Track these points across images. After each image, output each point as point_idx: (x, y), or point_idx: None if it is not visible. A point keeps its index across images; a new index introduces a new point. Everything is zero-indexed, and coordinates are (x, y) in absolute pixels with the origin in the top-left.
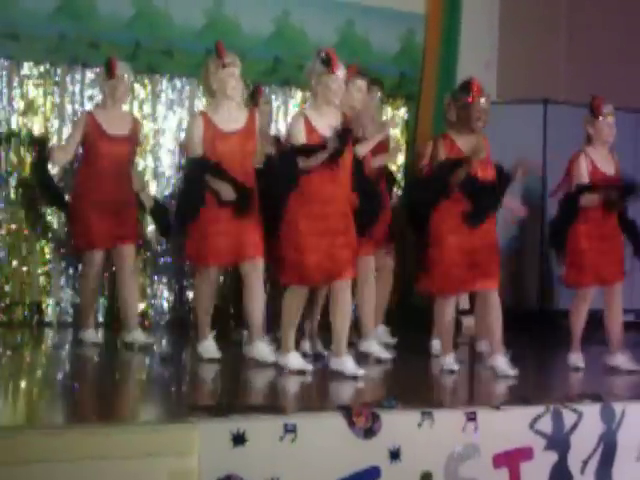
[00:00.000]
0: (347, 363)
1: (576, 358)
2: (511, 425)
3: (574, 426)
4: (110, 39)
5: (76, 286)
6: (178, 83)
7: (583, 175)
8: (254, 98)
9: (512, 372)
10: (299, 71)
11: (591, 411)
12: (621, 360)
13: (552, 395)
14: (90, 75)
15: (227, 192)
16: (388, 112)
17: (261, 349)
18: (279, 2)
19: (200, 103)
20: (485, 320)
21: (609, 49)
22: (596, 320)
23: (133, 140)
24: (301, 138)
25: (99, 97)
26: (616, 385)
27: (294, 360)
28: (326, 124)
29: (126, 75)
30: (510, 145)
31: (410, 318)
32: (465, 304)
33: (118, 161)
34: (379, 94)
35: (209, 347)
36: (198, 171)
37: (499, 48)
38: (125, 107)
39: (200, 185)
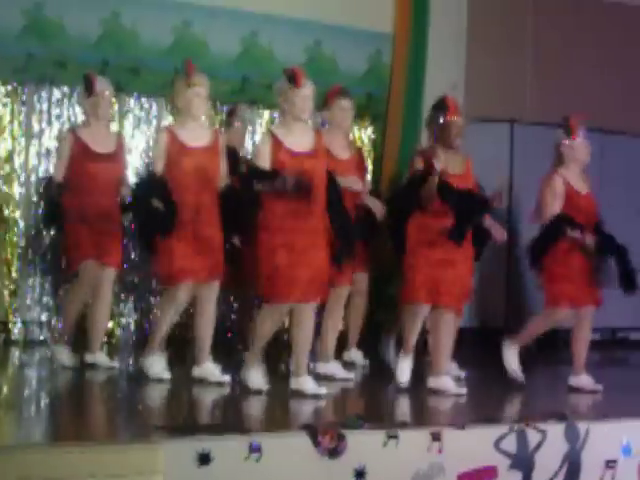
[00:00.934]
0: (308, 383)
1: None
2: (476, 444)
3: (538, 445)
4: (78, 58)
5: (43, 303)
6: (145, 102)
7: (561, 197)
8: (230, 117)
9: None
10: (267, 91)
11: (555, 430)
12: (585, 381)
13: (517, 414)
14: (57, 94)
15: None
16: (355, 131)
17: (211, 370)
18: (247, 22)
19: (167, 122)
20: (436, 336)
21: (575, 69)
22: (560, 340)
23: (120, 157)
24: (264, 159)
25: (65, 115)
26: (580, 404)
27: (256, 379)
28: (296, 141)
29: (107, 91)
30: (477, 164)
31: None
32: None
33: (105, 179)
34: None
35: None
36: (145, 192)
37: (466, 68)
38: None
39: (146, 204)
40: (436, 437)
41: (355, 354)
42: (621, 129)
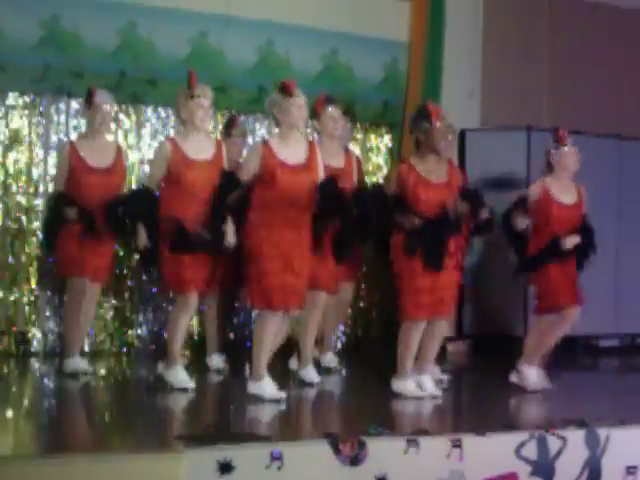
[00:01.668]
0: (266, 387)
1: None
2: (496, 451)
3: (559, 452)
4: (95, 69)
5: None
6: (162, 112)
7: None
8: (228, 128)
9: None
10: None
11: (576, 437)
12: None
13: (537, 421)
14: (75, 105)
15: (140, 239)
16: (372, 139)
17: (181, 375)
18: (263, 31)
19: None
20: (426, 341)
21: (591, 76)
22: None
23: (117, 171)
24: (251, 168)
25: (83, 127)
26: (600, 410)
27: (268, 388)
28: (290, 152)
29: (106, 105)
30: (494, 172)
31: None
32: (450, 331)
33: (100, 193)
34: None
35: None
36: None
37: (482, 76)
38: (109, 137)
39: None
40: (456, 444)
41: (331, 358)
42: (639, 135)
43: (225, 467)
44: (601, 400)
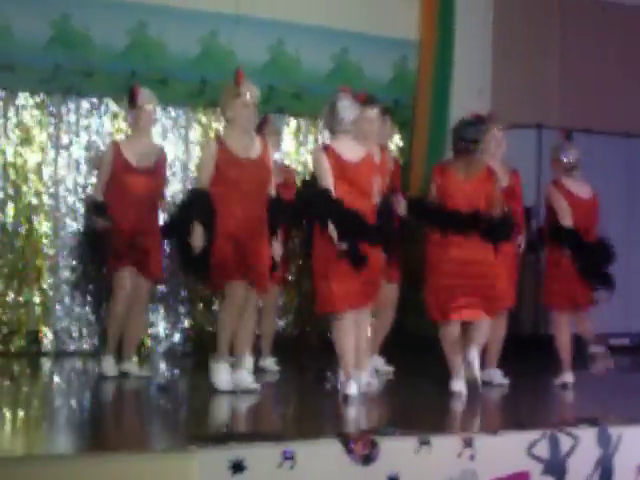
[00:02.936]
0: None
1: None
2: (508, 450)
3: (570, 451)
4: (105, 68)
5: (73, 314)
6: (172, 112)
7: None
8: (261, 128)
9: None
10: (294, 99)
11: (587, 435)
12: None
13: (548, 420)
14: (85, 105)
15: (196, 240)
16: None
17: (221, 375)
18: (274, 30)
19: (193, 133)
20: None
21: (601, 73)
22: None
23: (159, 172)
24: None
25: (94, 126)
26: (612, 409)
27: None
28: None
29: (148, 104)
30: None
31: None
32: None
33: (142, 192)
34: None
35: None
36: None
37: (492, 74)
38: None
39: (187, 219)
40: (468, 443)
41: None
42: None
43: (237, 467)
44: (612, 399)
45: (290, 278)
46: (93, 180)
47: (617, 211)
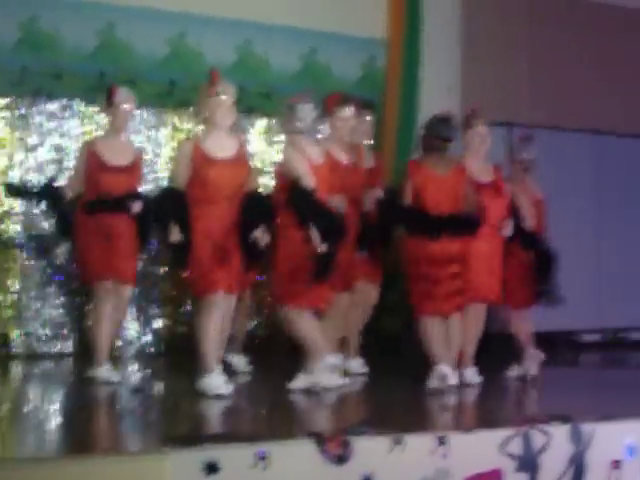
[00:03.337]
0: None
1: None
2: (481, 448)
3: (543, 448)
4: (74, 70)
5: (43, 316)
6: (141, 113)
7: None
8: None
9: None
10: (263, 99)
11: (560, 432)
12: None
13: (521, 417)
14: (54, 107)
15: (173, 236)
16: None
17: (216, 380)
18: (242, 31)
19: (161, 133)
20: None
21: (570, 71)
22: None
23: (135, 171)
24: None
25: (63, 128)
26: (584, 405)
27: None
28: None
29: (125, 104)
30: None
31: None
32: None
33: (117, 192)
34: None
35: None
36: (167, 205)
37: (462, 72)
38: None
39: (162, 219)
40: (442, 441)
41: (239, 360)
42: (616, 130)
43: (211, 468)
44: (584, 395)
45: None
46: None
47: (585, 208)
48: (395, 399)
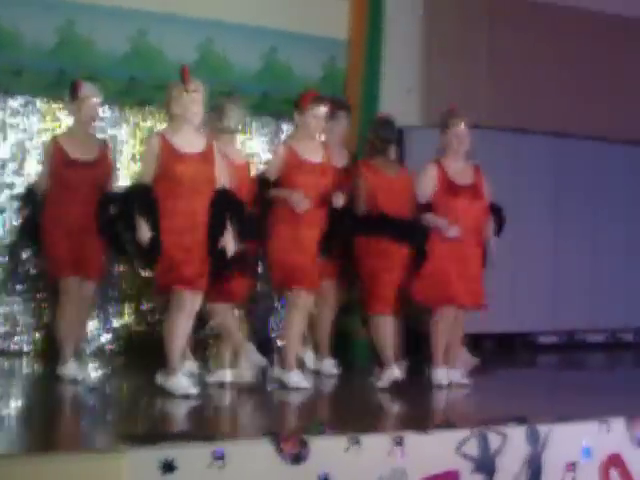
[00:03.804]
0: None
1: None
2: (438, 449)
3: (500, 449)
4: (34, 67)
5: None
6: (101, 110)
7: None
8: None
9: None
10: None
11: (516, 433)
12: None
13: (477, 418)
14: (13, 104)
15: (143, 233)
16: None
17: (181, 381)
18: (202, 29)
19: (121, 131)
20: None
21: (531, 73)
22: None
23: (102, 165)
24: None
25: (23, 125)
26: (540, 407)
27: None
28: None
29: (92, 97)
30: None
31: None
32: None
33: (84, 187)
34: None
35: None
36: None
37: (422, 73)
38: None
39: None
40: (398, 442)
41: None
42: (577, 132)
43: (167, 466)
44: (541, 397)
45: None
46: (19, 180)
47: (544, 210)
48: (354, 399)
